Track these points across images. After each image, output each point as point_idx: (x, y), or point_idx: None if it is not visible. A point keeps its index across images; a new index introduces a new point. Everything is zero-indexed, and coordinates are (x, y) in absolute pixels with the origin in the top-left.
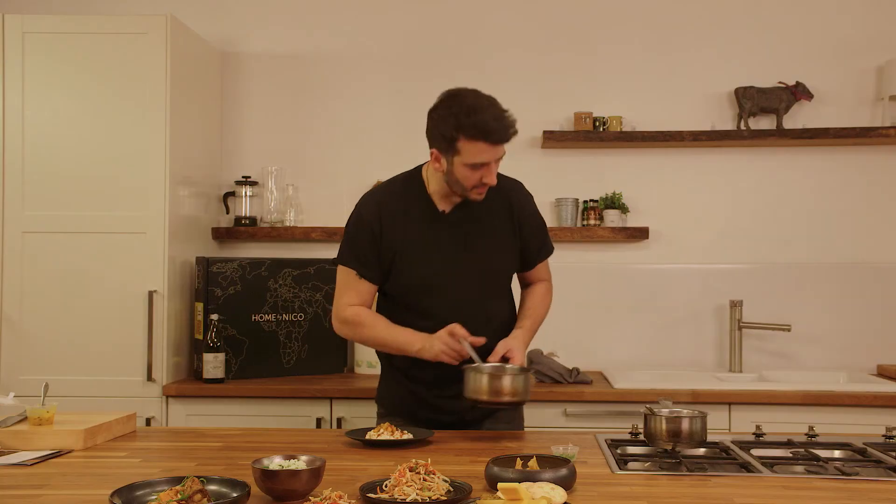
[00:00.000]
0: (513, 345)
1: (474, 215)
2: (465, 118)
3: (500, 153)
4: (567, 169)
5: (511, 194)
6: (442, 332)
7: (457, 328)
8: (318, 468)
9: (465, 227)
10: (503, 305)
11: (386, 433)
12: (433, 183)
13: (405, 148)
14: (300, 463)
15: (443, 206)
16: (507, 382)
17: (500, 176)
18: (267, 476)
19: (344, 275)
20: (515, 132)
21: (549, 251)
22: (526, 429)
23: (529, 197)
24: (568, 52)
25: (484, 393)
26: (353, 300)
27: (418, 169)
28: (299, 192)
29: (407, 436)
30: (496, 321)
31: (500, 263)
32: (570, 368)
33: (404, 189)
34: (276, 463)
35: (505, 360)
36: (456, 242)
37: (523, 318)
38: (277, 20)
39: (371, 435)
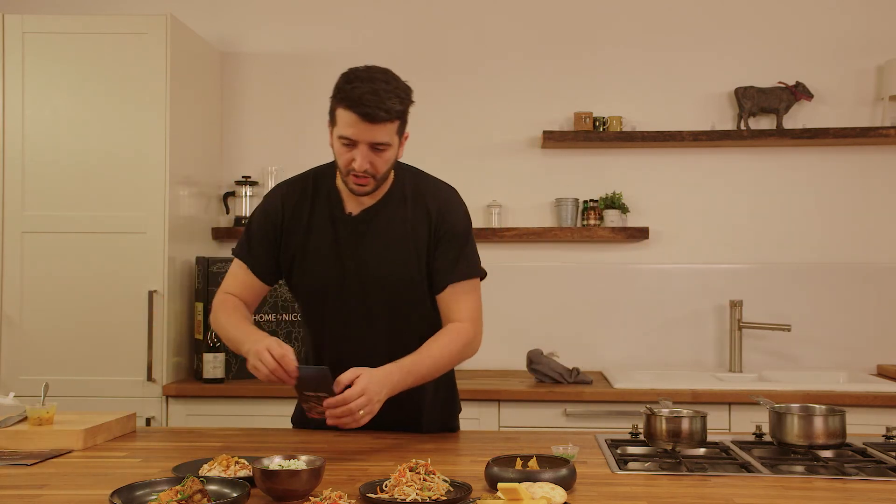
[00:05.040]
0: (363, 372)
1: (384, 220)
2: (344, 83)
3: (371, 134)
4: (567, 169)
5: (432, 200)
6: (263, 347)
7: (285, 353)
8: (318, 468)
9: (369, 232)
10: (414, 326)
11: (219, 468)
12: (341, 177)
13: (405, 147)
14: (300, 463)
15: (350, 206)
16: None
17: (430, 181)
18: (267, 476)
19: (233, 266)
20: (391, 117)
21: (466, 275)
22: (526, 429)
23: (458, 208)
24: (568, 52)
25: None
26: (230, 288)
27: (333, 162)
28: None
29: (242, 472)
30: (404, 339)
31: (401, 276)
32: (570, 368)
33: (315, 183)
34: (276, 463)
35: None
36: (355, 249)
37: (412, 353)
38: (277, 20)
39: (204, 469)
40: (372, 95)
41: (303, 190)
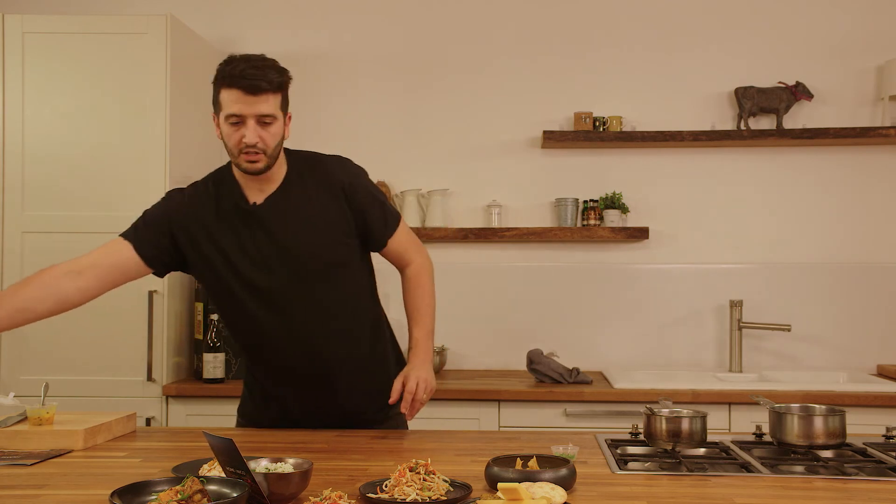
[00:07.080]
0: (409, 373)
1: (292, 204)
2: (224, 66)
3: (256, 107)
4: (567, 169)
5: (333, 174)
6: None
7: None
8: (306, 471)
9: (279, 219)
10: (349, 304)
11: (219, 468)
12: (233, 162)
13: (404, 148)
14: (287, 466)
15: (254, 196)
16: None
17: (321, 157)
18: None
19: (109, 242)
20: (272, 88)
21: (396, 220)
22: (526, 429)
23: (359, 171)
24: (568, 52)
25: None
26: (81, 258)
27: (229, 162)
28: None
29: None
30: (340, 323)
31: (327, 254)
32: (570, 368)
33: (215, 182)
34: (262, 466)
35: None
36: (270, 238)
37: (412, 326)
38: (277, 20)
39: (204, 469)
40: (252, 69)
41: (205, 191)
